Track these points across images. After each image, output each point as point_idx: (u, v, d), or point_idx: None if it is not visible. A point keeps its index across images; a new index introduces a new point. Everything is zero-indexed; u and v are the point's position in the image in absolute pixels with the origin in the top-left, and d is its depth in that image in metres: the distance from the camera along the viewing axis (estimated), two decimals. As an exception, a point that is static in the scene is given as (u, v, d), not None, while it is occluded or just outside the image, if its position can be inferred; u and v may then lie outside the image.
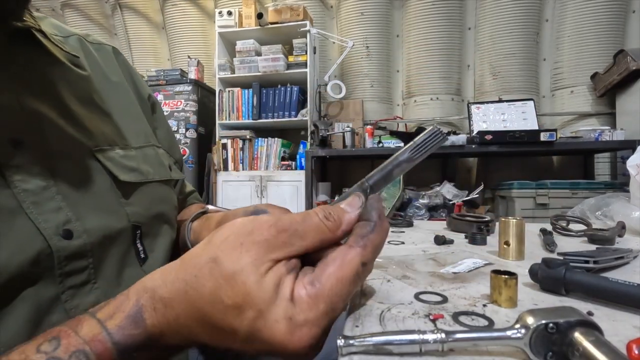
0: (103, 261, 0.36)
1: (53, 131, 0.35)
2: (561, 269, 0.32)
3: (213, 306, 0.23)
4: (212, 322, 0.23)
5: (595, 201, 0.82)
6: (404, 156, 0.29)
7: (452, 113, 2.88)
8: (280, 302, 0.22)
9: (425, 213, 2.14)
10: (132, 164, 0.42)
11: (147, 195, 0.43)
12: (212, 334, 0.24)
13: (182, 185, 0.60)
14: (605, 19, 2.57)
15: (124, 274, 0.38)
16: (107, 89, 0.45)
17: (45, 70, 0.38)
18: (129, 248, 0.40)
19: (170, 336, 0.25)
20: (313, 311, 0.22)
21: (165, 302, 0.24)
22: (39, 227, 0.31)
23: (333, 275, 0.23)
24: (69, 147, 0.36)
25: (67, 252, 0.32)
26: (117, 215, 0.38)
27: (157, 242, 0.44)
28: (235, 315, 0.22)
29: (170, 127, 0.59)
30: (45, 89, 0.37)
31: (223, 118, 2.87)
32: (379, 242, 0.25)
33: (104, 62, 0.48)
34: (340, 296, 0.23)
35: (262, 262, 0.23)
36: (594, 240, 0.56)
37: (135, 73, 0.54)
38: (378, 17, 2.92)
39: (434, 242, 0.58)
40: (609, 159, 2.61)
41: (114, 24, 3.47)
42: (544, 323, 0.21)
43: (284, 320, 0.22)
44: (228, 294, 0.22)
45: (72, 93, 0.39)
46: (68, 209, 0.34)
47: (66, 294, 0.32)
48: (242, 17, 2.81)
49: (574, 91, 2.67)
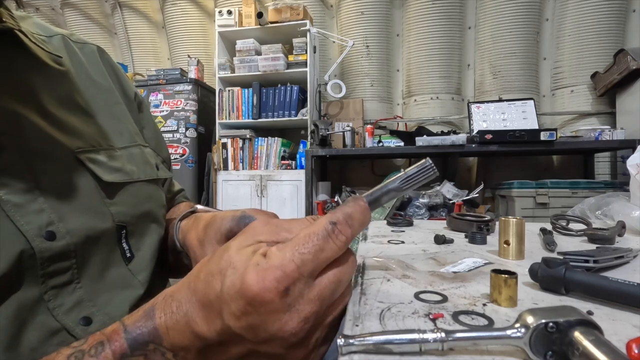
0: (87, 261, 0.36)
1: (34, 133, 0.35)
2: (561, 268, 0.32)
3: (204, 279, 0.26)
4: (202, 294, 0.26)
5: (595, 200, 0.82)
6: (393, 185, 0.30)
7: (452, 112, 2.88)
8: (254, 258, 0.25)
9: (425, 212, 2.14)
10: (117, 164, 0.42)
11: (132, 195, 0.43)
12: (204, 310, 0.25)
13: (170, 184, 0.60)
14: (605, 18, 2.57)
15: (109, 273, 0.39)
16: (90, 89, 0.45)
17: (26, 71, 0.38)
18: (114, 248, 0.40)
19: (173, 330, 0.26)
20: (279, 258, 0.24)
21: (172, 295, 0.27)
22: (20, 229, 0.31)
23: (301, 232, 0.25)
24: (51, 149, 0.36)
25: (50, 253, 0.33)
26: (101, 216, 0.39)
27: (144, 241, 0.44)
28: (218, 278, 0.25)
29: (157, 126, 0.58)
30: (26, 91, 0.37)
31: (223, 117, 2.86)
32: (351, 211, 0.26)
33: (88, 61, 0.48)
34: (308, 249, 0.24)
35: (247, 242, 0.27)
36: (594, 239, 0.56)
37: (121, 72, 0.53)
38: (378, 17, 2.92)
39: (434, 242, 0.58)
40: (609, 158, 2.62)
41: (113, 23, 3.47)
42: (543, 322, 0.21)
43: (252, 267, 0.24)
44: (214, 266, 0.26)
45: (54, 95, 0.39)
46: (51, 211, 0.34)
47: (49, 294, 0.33)
48: (242, 17, 2.81)
49: (574, 90, 2.67)
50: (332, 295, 0.26)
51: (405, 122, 2.94)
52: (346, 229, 0.25)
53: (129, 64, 3.48)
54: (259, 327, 0.24)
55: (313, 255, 0.24)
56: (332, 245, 0.25)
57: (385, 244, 0.58)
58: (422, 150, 2.31)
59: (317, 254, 0.24)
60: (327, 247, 0.24)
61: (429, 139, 2.32)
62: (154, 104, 2.87)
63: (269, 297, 0.23)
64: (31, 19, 0.44)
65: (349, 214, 0.26)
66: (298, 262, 0.24)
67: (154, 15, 3.39)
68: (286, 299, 0.23)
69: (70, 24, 3.45)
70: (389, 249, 0.54)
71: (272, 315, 0.23)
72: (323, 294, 0.25)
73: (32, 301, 0.32)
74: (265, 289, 0.23)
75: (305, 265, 0.24)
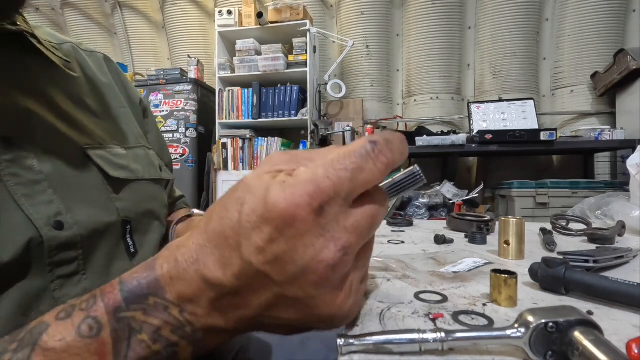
0: (93, 253, 0.37)
1: (45, 129, 0.37)
2: (561, 268, 0.32)
3: (218, 214, 0.22)
4: (214, 233, 0.22)
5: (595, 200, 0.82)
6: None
7: (452, 112, 2.88)
8: (278, 178, 0.21)
9: (425, 212, 2.14)
10: (122, 162, 0.44)
11: (137, 192, 0.44)
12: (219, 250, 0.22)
13: (171, 189, 0.62)
14: (605, 18, 2.57)
15: (113, 266, 0.39)
16: (98, 92, 0.47)
17: (38, 72, 0.40)
18: (119, 242, 0.41)
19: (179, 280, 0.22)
20: (310, 173, 0.20)
21: (179, 244, 0.24)
22: (30, 217, 0.32)
23: (336, 151, 0.22)
24: (60, 144, 0.38)
25: (57, 242, 0.34)
26: (108, 210, 0.40)
27: (147, 238, 0.45)
28: (234, 208, 0.21)
29: (160, 131, 0.61)
30: (38, 90, 0.38)
31: (223, 117, 2.86)
32: (390, 137, 0.23)
33: (96, 68, 0.50)
34: (344, 165, 0.21)
35: (265, 170, 0.22)
36: (594, 239, 0.56)
37: (126, 79, 0.56)
38: (378, 16, 2.92)
39: (434, 242, 0.58)
40: (609, 158, 2.62)
41: (113, 23, 3.47)
42: (543, 322, 0.21)
43: (277, 185, 0.20)
44: (231, 195, 0.22)
45: (63, 94, 0.41)
46: (59, 202, 0.35)
47: (55, 284, 0.34)
48: (242, 17, 2.81)
49: (574, 90, 2.67)
50: (368, 232, 0.22)
51: (405, 122, 2.94)
52: (387, 151, 0.22)
53: (129, 64, 3.48)
54: (288, 256, 0.20)
55: (351, 173, 0.20)
56: (372, 166, 0.21)
57: (385, 244, 0.58)
58: (422, 150, 2.31)
59: (355, 172, 0.21)
60: (367, 167, 0.21)
61: (429, 139, 2.32)
62: (154, 104, 2.86)
63: (301, 215, 0.19)
64: (42, 28, 0.46)
65: (388, 138, 0.22)
66: (334, 179, 0.20)
67: (154, 15, 3.39)
68: (320, 220, 0.20)
69: (70, 24, 3.45)
70: (389, 249, 0.54)
71: (304, 238, 0.20)
72: (361, 226, 0.21)
73: (38, 289, 0.32)
74: (295, 204, 0.19)
75: (342, 184, 0.20)
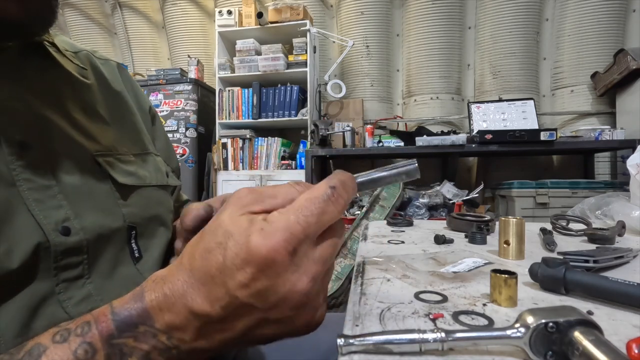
0: (97, 258, 0.38)
1: (59, 136, 0.38)
2: (561, 268, 0.32)
3: (201, 256, 0.26)
4: (200, 272, 0.25)
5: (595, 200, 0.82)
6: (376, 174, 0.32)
7: (452, 112, 2.88)
8: (255, 224, 0.25)
9: (425, 212, 2.14)
10: (131, 169, 0.45)
11: (143, 198, 0.45)
12: (205, 287, 0.25)
13: (178, 194, 0.63)
14: (605, 18, 2.57)
15: (118, 271, 0.40)
16: (110, 100, 0.49)
17: (56, 81, 0.41)
18: (124, 247, 0.42)
19: (167, 311, 0.26)
20: (284, 221, 0.24)
21: (164, 278, 0.27)
22: (39, 222, 0.33)
23: (302, 197, 0.26)
24: (72, 150, 0.39)
25: (63, 247, 0.34)
26: (114, 216, 0.41)
27: (152, 243, 0.46)
28: (218, 252, 0.25)
29: (168, 138, 0.63)
30: (54, 98, 0.40)
31: (223, 117, 2.86)
32: (343, 178, 0.28)
33: (109, 75, 0.52)
34: (310, 211, 0.25)
35: (238, 213, 0.26)
36: (594, 239, 0.56)
37: (137, 87, 0.58)
38: (378, 16, 2.92)
39: (433, 242, 0.58)
40: (609, 158, 2.61)
41: (113, 23, 3.47)
42: (543, 322, 0.21)
43: (257, 232, 0.24)
44: (211, 240, 0.26)
45: (77, 102, 0.43)
46: (68, 207, 0.36)
47: (60, 287, 0.35)
48: (242, 17, 2.81)
49: (574, 90, 2.67)
50: (331, 259, 0.27)
51: (405, 122, 2.94)
52: (343, 192, 0.27)
53: (129, 64, 3.48)
54: (269, 290, 0.24)
55: (317, 217, 0.25)
56: (333, 208, 0.26)
57: (385, 244, 0.58)
58: (422, 150, 2.31)
59: (320, 216, 0.25)
60: (329, 209, 0.26)
61: (429, 139, 2.32)
62: (154, 104, 2.85)
63: (279, 258, 0.24)
64: (60, 36, 0.48)
65: (342, 180, 0.28)
66: (303, 224, 0.25)
67: (154, 15, 3.39)
68: (294, 259, 0.24)
69: (71, 24, 3.45)
70: (389, 249, 0.54)
71: (282, 276, 0.24)
72: (325, 255, 0.26)
73: (44, 293, 0.33)
74: (274, 250, 0.23)
75: (310, 227, 0.25)
